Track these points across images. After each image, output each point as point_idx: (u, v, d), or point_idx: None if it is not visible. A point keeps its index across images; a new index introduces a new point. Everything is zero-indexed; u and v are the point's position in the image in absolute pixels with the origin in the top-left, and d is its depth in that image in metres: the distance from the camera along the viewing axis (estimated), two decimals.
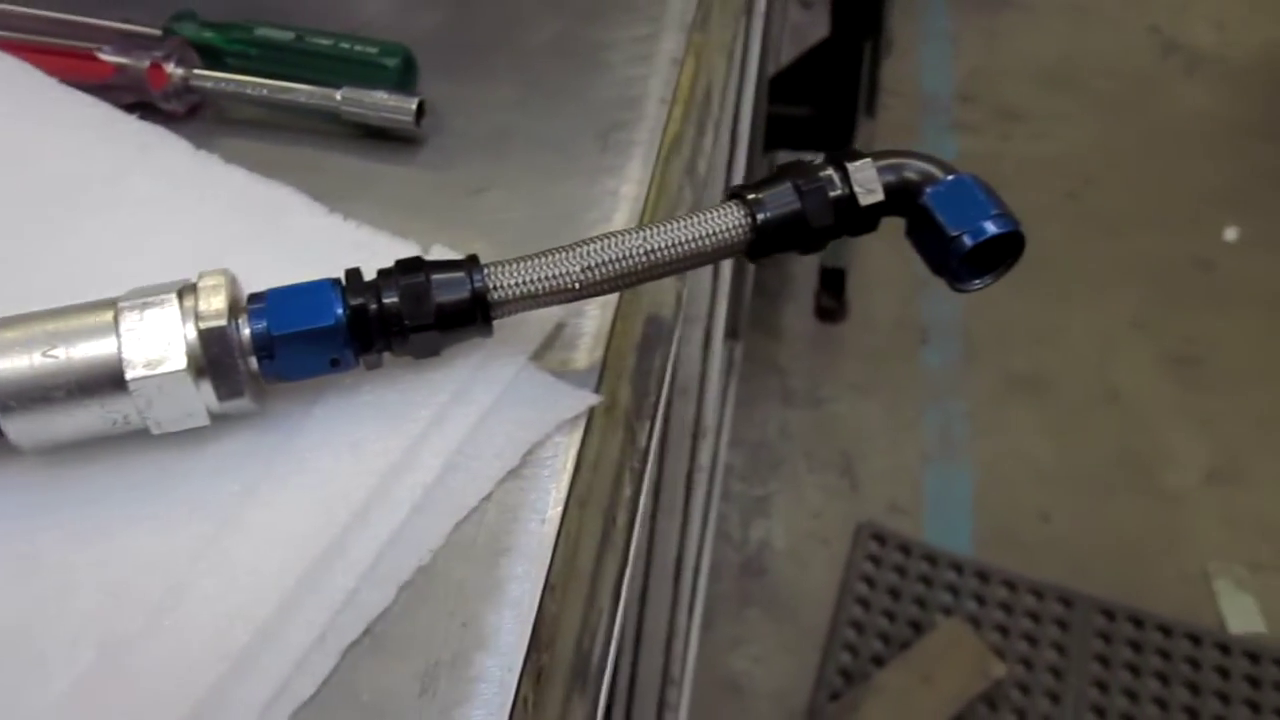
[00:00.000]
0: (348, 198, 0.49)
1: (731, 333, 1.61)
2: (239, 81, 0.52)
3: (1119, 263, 2.33)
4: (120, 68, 0.53)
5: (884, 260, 2.26)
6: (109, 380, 0.37)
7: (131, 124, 0.50)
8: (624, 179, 0.51)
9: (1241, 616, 1.82)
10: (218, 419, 0.39)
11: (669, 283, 0.55)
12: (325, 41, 0.53)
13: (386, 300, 0.39)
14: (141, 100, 0.53)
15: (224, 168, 0.48)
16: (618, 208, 0.50)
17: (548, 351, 0.44)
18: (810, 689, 1.72)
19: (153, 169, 0.49)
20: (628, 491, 0.49)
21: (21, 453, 0.38)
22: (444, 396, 0.40)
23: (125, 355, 0.37)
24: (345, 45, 0.53)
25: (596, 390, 0.43)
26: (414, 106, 0.51)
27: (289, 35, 0.53)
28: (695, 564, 1.45)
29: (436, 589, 0.37)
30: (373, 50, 0.52)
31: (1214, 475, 1.97)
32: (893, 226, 0.44)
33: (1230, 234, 2.36)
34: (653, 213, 0.50)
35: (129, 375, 0.37)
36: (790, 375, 2.14)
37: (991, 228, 0.40)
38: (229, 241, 0.45)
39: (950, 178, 0.41)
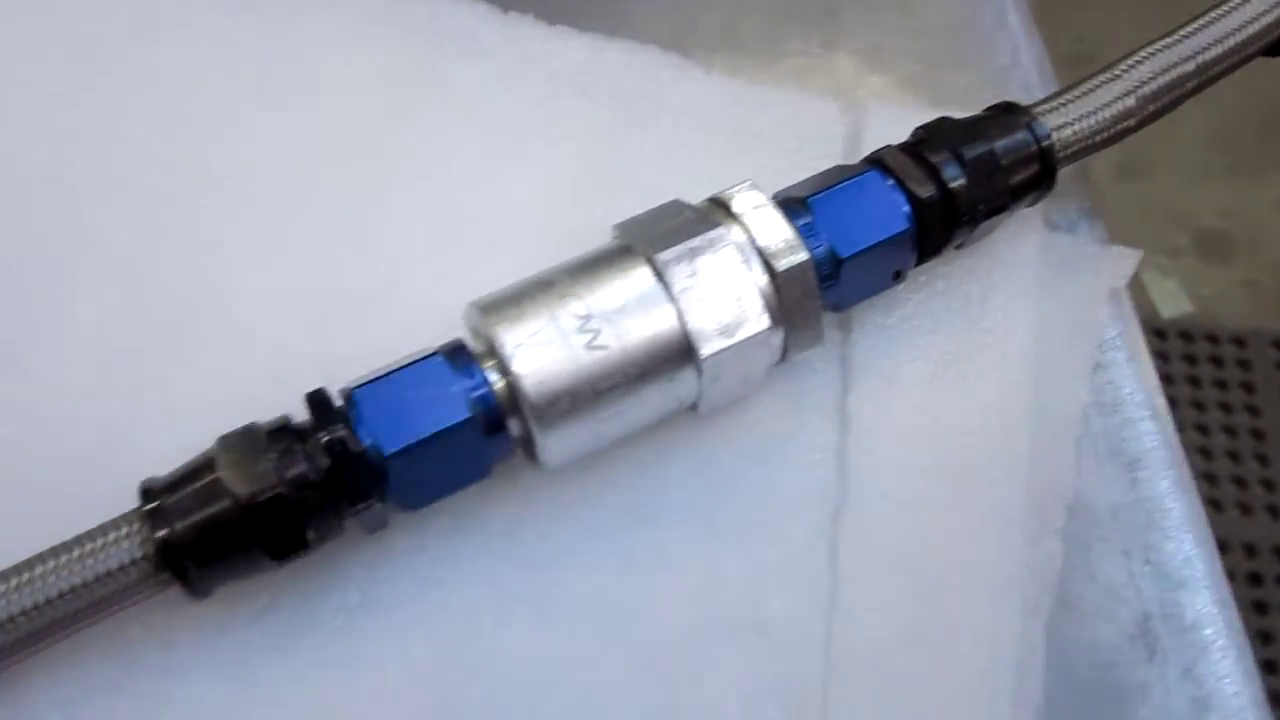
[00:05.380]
0: None
1: None
2: None
3: None
4: None
5: None
6: (673, 361, 0.27)
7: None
8: None
9: (1170, 301, 1.92)
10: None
11: None
12: None
13: (953, 184, 0.30)
14: None
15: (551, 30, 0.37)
16: None
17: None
18: None
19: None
20: None
21: (544, 472, 0.28)
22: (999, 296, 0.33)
23: (691, 325, 0.27)
24: None
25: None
26: None
27: None
28: None
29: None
30: None
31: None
32: None
33: None
34: None
35: (704, 351, 0.27)
36: None
37: None
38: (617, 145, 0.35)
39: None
